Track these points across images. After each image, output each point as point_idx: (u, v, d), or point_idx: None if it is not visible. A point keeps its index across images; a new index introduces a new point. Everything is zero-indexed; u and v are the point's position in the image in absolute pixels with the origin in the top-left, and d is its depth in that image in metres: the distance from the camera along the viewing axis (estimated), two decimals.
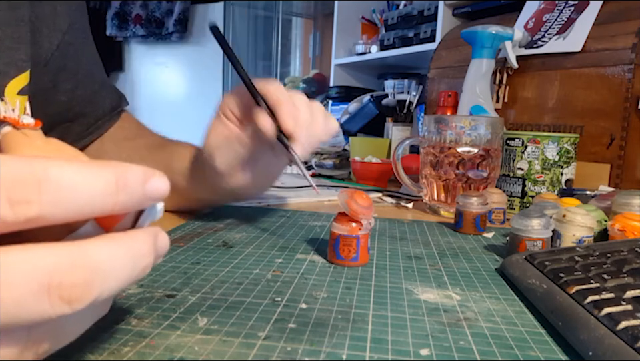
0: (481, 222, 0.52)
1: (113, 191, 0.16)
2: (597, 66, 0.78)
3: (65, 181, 0.15)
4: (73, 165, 0.15)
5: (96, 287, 0.15)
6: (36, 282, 0.14)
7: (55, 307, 0.14)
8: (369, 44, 1.80)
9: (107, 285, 0.15)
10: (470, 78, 0.85)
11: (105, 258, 0.15)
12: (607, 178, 0.76)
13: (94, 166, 0.16)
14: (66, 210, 0.15)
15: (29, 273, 0.14)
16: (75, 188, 0.15)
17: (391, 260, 0.40)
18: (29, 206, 0.14)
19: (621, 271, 0.30)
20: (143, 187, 0.17)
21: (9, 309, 0.14)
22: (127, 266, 0.16)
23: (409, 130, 1.18)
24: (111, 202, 0.16)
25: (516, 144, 0.68)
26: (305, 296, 0.31)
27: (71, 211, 0.15)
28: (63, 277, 0.14)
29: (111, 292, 0.16)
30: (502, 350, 0.25)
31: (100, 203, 0.15)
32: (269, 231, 0.49)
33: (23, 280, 0.14)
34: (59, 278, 0.14)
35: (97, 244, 0.15)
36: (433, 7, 1.45)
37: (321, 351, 0.23)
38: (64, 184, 0.15)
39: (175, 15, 2.92)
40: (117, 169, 0.16)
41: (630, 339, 0.22)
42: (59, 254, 0.14)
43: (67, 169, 0.15)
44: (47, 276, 0.14)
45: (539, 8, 0.93)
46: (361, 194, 0.38)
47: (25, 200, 0.14)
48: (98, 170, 0.16)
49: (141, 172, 0.17)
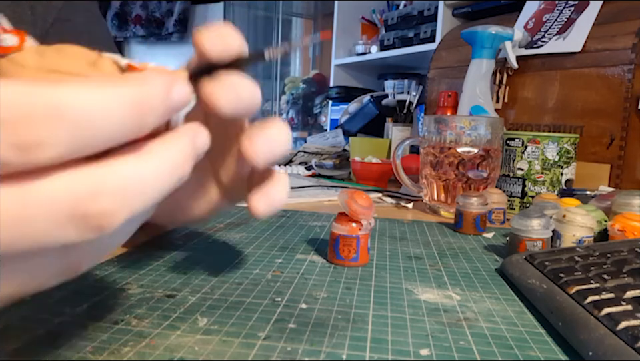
0: (481, 222, 0.52)
1: (137, 113, 0.14)
2: (597, 67, 0.78)
3: (80, 110, 0.12)
4: (86, 88, 0.13)
5: (125, 209, 0.14)
6: (59, 214, 0.13)
7: (83, 234, 0.13)
8: (369, 44, 1.80)
9: (139, 203, 0.14)
10: (470, 78, 0.85)
11: (134, 177, 0.14)
12: (607, 178, 0.76)
13: (110, 85, 0.13)
14: (86, 146, 0.13)
15: (51, 205, 0.13)
16: (92, 117, 0.13)
17: (391, 260, 0.40)
18: (42, 148, 0.12)
19: (621, 271, 0.30)
20: (168, 99, 0.15)
21: (36, 239, 0.13)
22: (162, 178, 0.15)
23: (409, 130, 1.18)
24: (137, 126, 0.14)
25: (516, 144, 0.68)
26: (305, 296, 0.31)
27: (92, 146, 0.13)
28: (87, 206, 0.13)
29: (145, 207, 0.14)
30: (502, 350, 0.25)
31: (125, 130, 0.14)
32: (269, 231, 0.49)
33: (44, 213, 0.13)
34: (84, 208, 0.13)
35: (126, 161, 0.14)
36: (432, 7, 1.45)
37: (321, 351, 0.23)
38: (79, 114, 0.12)
39: (175, 15, 2.92)
40: (137, 87, 0.14)
41: (630, 339, 0.22)
42: (82, 180, 0.13)
43: (81, 94, 0.13)
44: (70, 206, 0.13)
45: (539, 9, 0.93)
46: (361, 194, 0.38)
47: (34, 142, 0.12)
48: (115, 88, 0.13)
49: (162, 82, 0.14)
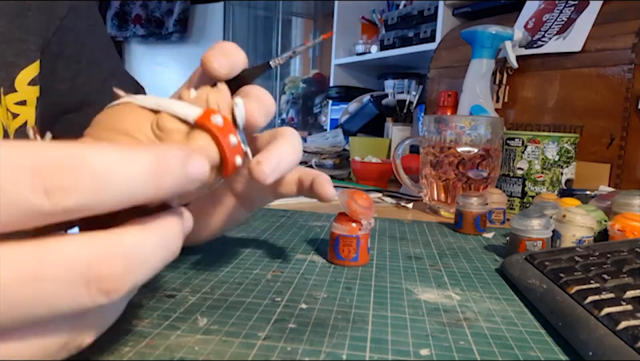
0: (481, 222, 0.52)
1: (155, 176, 0.15)
2: (597, 66, 0.78)
3: (103, 166, 0.14)
4: (110, 149, 0.14)
5: (132, 276, 0.15)
6: (74, 274, 0.14)
7: (93, 298, 0.14)
8: (369, 44, 1.80)
9: (141, 272, 0.15)
10: (470, 78, 0.85)
11: (139, 246, 0.15)
12: (607, 178, 0.76)
13: (133, 150, 0.15)
14: (106, 198, 0.14)
15: (67, 266, 0.14)
16: (114, 173, 0.14)
17: (391, 260, 0.40)
18: (66, 195, 0.13)
19: (621, 271, 0.30)
20: (185, 169, 0.16)
21: (49, 301, 0.14)
22: (160, 252, 0.16)
23: (409, 130, 1.18)
24: (153, 187, 0.15)
25: (516, 144, 0.68)
26: (305, 296, 0.31)
27: (111, 199, 0.14)
28: (100, 269, 0.14)
29: (145, 278, 0.16)
30: (502, 350, 0.25)
31: (142, 189, 0.15)
32: (269, 231, 0.49)
33: (60, 273, 0.13)
34: (97, 270, 0.14)
35: (131, 232, 0.15)
36: (432, 7, 1.45)
37: (321, 351, 0.23)
38: (103, 168, 0.14)
39: (175, 15, 2.92)
40: (157, 151, 0.15)
41: (630, 339, 0.22)
42: (96, 245, 0.14)
43: (105, 153, 0.14)
44: (85, 268, 0.14)
45: (539, 8, 0.93)
46: (361, 194, 0.38)
47: (61, 187, 0.13)
48: (137, 153, 0.15)
49: (181, 152, 0.16)
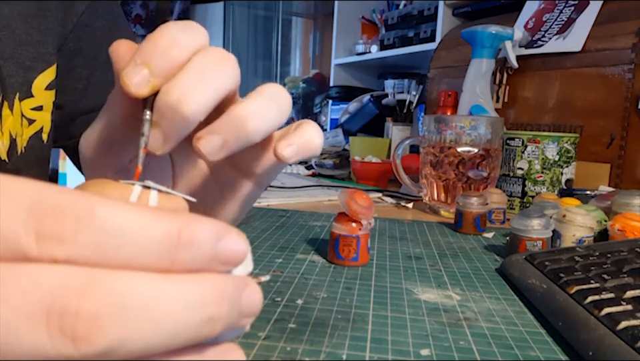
0: (481, 222, 0.52)
1: (173, 245, 0.12)
2: (597, 66, 0.78)
3: (110, 222, 0.12)
4: (127, 207, 0.12)
5: (115, 328, 0.11)
6: (33, 300, 0.11)
7: (54, 341, 0.10)
8: (369, 44, 1.80)
9: (136, 332, 0.11)
10: (470, 78, 0.85)
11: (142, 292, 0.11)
12: (606, 178, 0.76)
13: (156, 213, 0.12)
14: (105, 259, 0.12)
15: (27, 289, 0.11)
16: (121, 232, 0.12)
17: (391, 260, 0.40)
18: (58, 245, 0.11)
19: (621, 271, 0.30)
20: (214, 247, 0.13)
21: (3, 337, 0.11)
22: (179, 313, 0.11)
23: (408, 130, 1.18)
24: (166, 257, 0.12)
25: (516, 144, 0.68)
26: (305, 296, 0.31)
27: (110, 260, 0.12)
28: (67, 300, 0.11)
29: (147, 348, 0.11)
30: (502, 350, 0.25)
31: (152, 257, 0.12)
32: (269, 231, 0.49)
33: (18, 296, 0.11)
34: (63, 301, 0.11)
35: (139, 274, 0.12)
36: (432, 7, 1.45)
37: (321, 351, 0.23)
38: (108, 225, 0.12)
39: (174, 15, 2.92)
40: (184, 220, 0.12)
41: (630, 339, 0.22)
42: (71, 272, 0.11)
43: (118, 210, 0.12)
44: (48, 295, 0.11)
45: (539, 8, 0.93)
46: (361, 194, 0.38)
47: (55, 235, 0.11)
48: (159, 217, 0.12)
49: (213, 227, 0.13)
